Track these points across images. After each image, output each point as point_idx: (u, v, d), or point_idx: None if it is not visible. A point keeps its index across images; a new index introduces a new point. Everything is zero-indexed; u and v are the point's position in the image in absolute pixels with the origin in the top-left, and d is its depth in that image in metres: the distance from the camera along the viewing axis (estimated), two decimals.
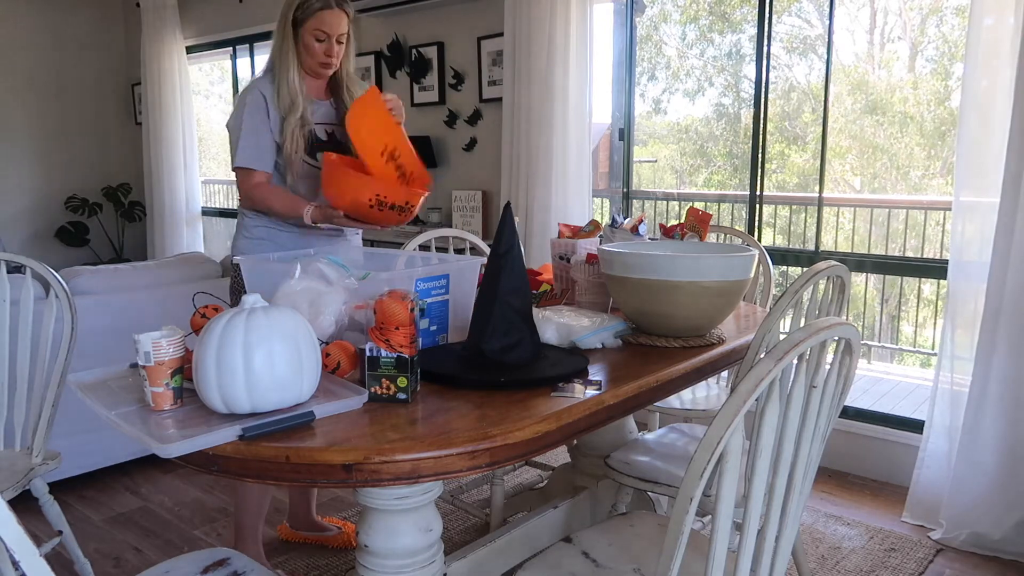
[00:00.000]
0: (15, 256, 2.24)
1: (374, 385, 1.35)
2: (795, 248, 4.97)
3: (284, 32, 2.20)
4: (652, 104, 7.85)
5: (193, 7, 5.79)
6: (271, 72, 2.24)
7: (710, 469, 1.03)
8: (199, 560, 1.48)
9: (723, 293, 1.71)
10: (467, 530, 2.71)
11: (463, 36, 4.25)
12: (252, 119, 2.20)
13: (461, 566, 1.80)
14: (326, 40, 2.19)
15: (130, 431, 1.23)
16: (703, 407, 2.46)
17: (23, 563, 0.85)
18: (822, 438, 1.27)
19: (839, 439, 3.19)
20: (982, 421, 2.61)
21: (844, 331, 1.14)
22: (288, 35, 2.19)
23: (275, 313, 1.27)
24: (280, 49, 2.21)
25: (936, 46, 7.20)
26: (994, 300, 2.56)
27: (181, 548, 2.62)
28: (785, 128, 7.00)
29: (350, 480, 1.17)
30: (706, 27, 7.32)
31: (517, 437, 1.24)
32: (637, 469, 1.95)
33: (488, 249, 2.54)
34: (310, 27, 2.17)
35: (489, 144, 4.21)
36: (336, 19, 2.18)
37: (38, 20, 6.09)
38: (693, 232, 2.13)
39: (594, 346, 1.73)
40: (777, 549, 1.20)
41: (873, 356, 5.29)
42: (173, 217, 5.99)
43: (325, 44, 2.19)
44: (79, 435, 2.92)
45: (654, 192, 6.15)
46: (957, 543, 2.63)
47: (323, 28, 2.17)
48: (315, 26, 2.17)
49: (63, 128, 6.32)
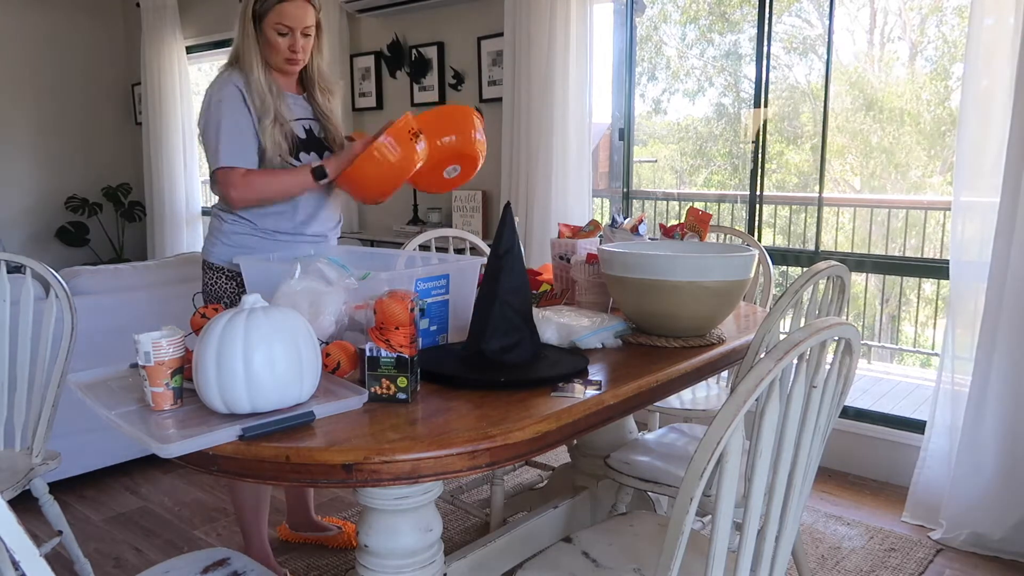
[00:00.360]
0: (15, 256, 2.24)
1: (374, 385, 1.35)
2: (795, 248, 4.97)
3: (245, 27, 2.04)
4: (652, 104, 7.85)
5: (193, 7, 5.79)
6: (233, 69, 2.08)
7: (710, 469, 1.03)
8: (199, 560, 1.48)
9: (723, 293, 1.71)
10: (467, 530, 2.71)
11: (463, 36, 4.25)
12: (231, 114, 2.03)
13: (461, 566, 1.80)
14: (289, 34, 2.03)
15: (130, 431, 1.23)
16: (703, 407, 2.46)
17: (23, 563, 0.85)
18: (822, 438, 1.27)
19: (839, 439, 3.19)
20: (982, 421, 2.61)
21: (844, 331, 1.14)
22: (249, 31, 2.04)
23: (275, 313, 1.27)
24: (242, 46, 2.05)
25: (936, 46, 7.20)
26: (994, 300, 2.56)
27: (181, 548, 2.62)
28: (785, 128, 7.00)
29: (350, 480, 1.17)
30: (706, 27, 7.31)
31: (517, 437, 1.25)
32: (637, 469, 1.95)
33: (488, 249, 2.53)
34: (271, 20, 2.01)
35: (489, 144, 4.18)
36: (300, 11, 2.01)
37: (38, 20, 6.09)
38: (693, 232, 2.13)
39: (594, 346, 1.73)
40: (777, 549, 1.20)
41: (873, 356, 5.29)
42: (173, 217, 5.99)
43: (288, 38, 2.04)
44: (79, 435, 2.92)
45: (654, 192, 6.15)
46: (957, 543, 2.63)
47: (284, 21, 2.01)
48: (276, 19, 2.01)
49: (63, 128, 6.32)
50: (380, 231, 4.76)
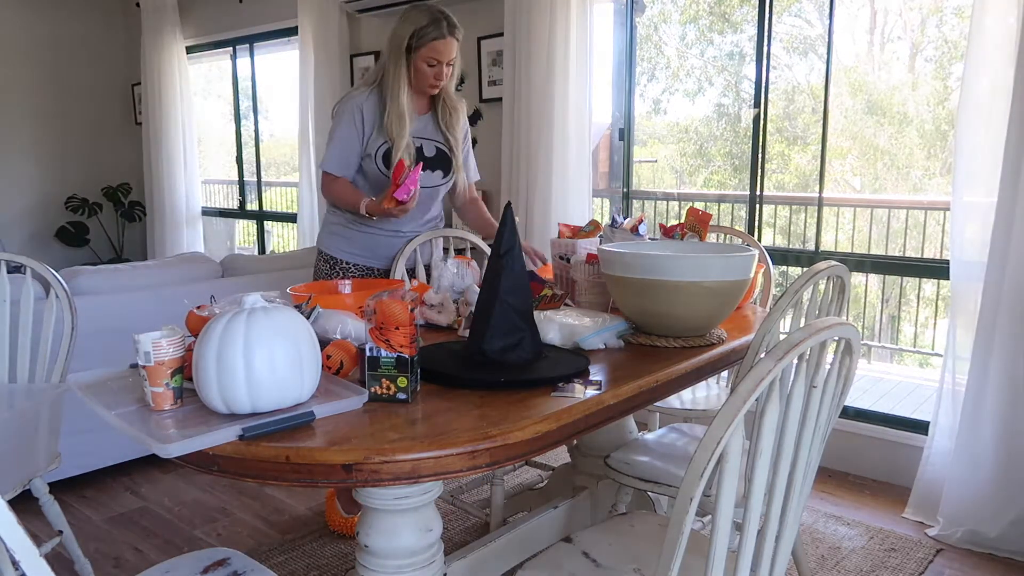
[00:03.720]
0: (15, 256, 2.24)
1: (374, 385, 1.35)
2: (795, 248, 4.97)
3: (397, 58, 2.36)
4: (652, 104, 7.85)
5: (193, 7, 5.79)
6: (374, 89, 2.41)
7: (710, 469, 1.03)
8: (199, 560, 1.48)
9: (723, 293, 1.71)
10: (467, 530, 2.71)
11: (463, 36, 4.24)
12: (344, 129, 2.40)
13: (461, 566, 1.80)
14: (437, 66, 2.37)
15: (130, 431, 1.23)
16: (703, 407, 2.46)
17: (23, 563, 0.85)
18: (822, 438, 1.27)
19: (839, 439, 3.19)
20: (979, 420, 2.61)
21: (844, 331, 1.14)
22: (401, 61, 2.35)
23: (275, 313, 1.27)
24: (393, 74, 2.37)
25: (936, 46, 7.20)
26: (991, 299, 2.56)
27: (181, 548, 2.62)
28: (785, 128, 7.00)
29: (350, 480, 1.17)
30: (706, 27, 7.31)
31: (517, 437, 1.25)
32: (637, 469, 1.95)
33: (488, 249, 2.55)
34: (423, 54, 2.34)
35: (489, 144, 4.21)
36: (448, 47, 2.36)
37: (38, 20, 6.09)
38: (693, 232, 2.13)
39: (597, 346, 1.73)
40: (777, 549, 1.20)
41: (873, 356, 5.29)
42: (173, 217, 5.99)
43: (436, 69, 2.37)
44: (79, 435, 2.92)
45: (654, 192, 6.14)
46: (954, 540, 2.63)
47: (436, 56, 2.35)
48: (428, 54, 2.34)
49: (63, 128, 6.32)
50: None
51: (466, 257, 2.29)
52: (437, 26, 2.34)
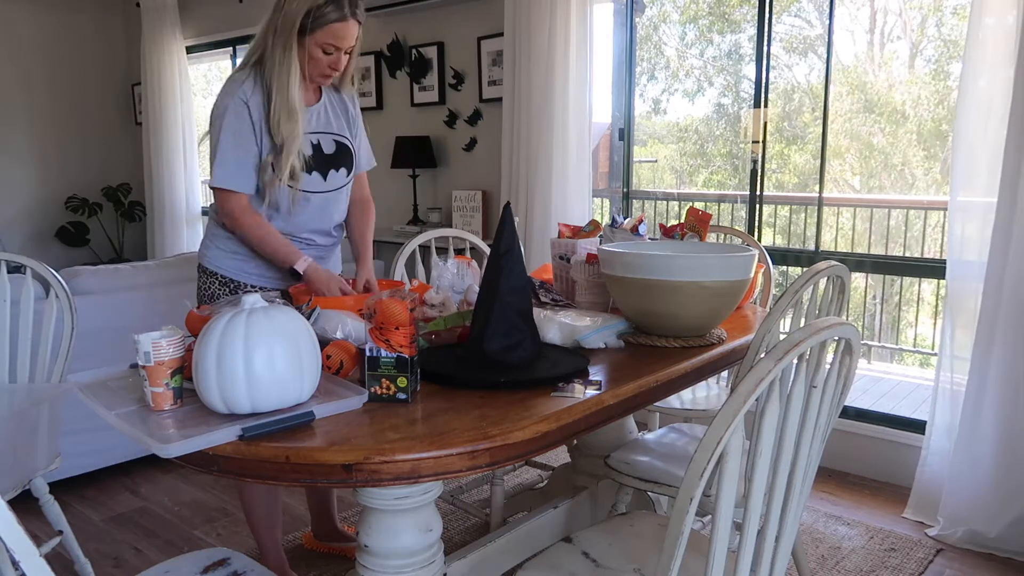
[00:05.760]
0: (15, 256, 2.24)
1: (374, 385, 1.36)
2: (795, 248, 4.97)
3: (287, 40, 1.94)
4: (652, 104, 7.85)
5: (193, 7, 5.79)
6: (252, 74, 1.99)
7: (710, 469, 1.03)
8: (199, 560, 1.48)
9: (723, 293, 1.71)
10: (467, 530, 2.71)
11: (463, 36, 4.25)
12: (230, 131, 1.95)
13: (461, 566, 1.80)
14: (335, 53, 1.98)
15: (130, 431, 1.23)
16: (703, 407, 2.46)
17: (23, 563, 0.85)
18: (822, 438, 1.27)
19: (839, 439, 3.19)
20: (979, 420, 2.61)
21: (844, 331, 1.14)
22: (292, 44, 1.94)
23: (275, 313, 1.27)
24: (281, 60, 1.94)
25: (935, 46, 7.20)
26: (991, 299, 2.56)
27: (181, 548, 2.62)
28: (785, 128, 6.99)
29: (350, 480, 1.17)
30: (706, 27, 7.31)
31: (517, 437, 1.25)
32: (637, 469, 1.95)
33: (488, 249, 2.52)
34: (319, 38, 1.94)
35: (489, 144, 4.21)
36: (349, 31, 1.96)
37: (38, 20, 6.08)
38: (693, 232, 2.13)
39: (597, 345, 1.74)
40: (777, 549, 1.20)
41: (873, 356, 5.28)
42: (173, 217, 5.99)
43: (333, 57, 1.98)
44: (79, 435, 2.92)
45: (654, 192, 6.15)
46: (954, 540, 2.63)
47: (333, 41, 1.96)
48: (324, 39, 1.95)
49: (63, 128, 6.32)
50: (380, 231, 4.74)
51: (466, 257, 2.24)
52: (338, 6, 1.92)
